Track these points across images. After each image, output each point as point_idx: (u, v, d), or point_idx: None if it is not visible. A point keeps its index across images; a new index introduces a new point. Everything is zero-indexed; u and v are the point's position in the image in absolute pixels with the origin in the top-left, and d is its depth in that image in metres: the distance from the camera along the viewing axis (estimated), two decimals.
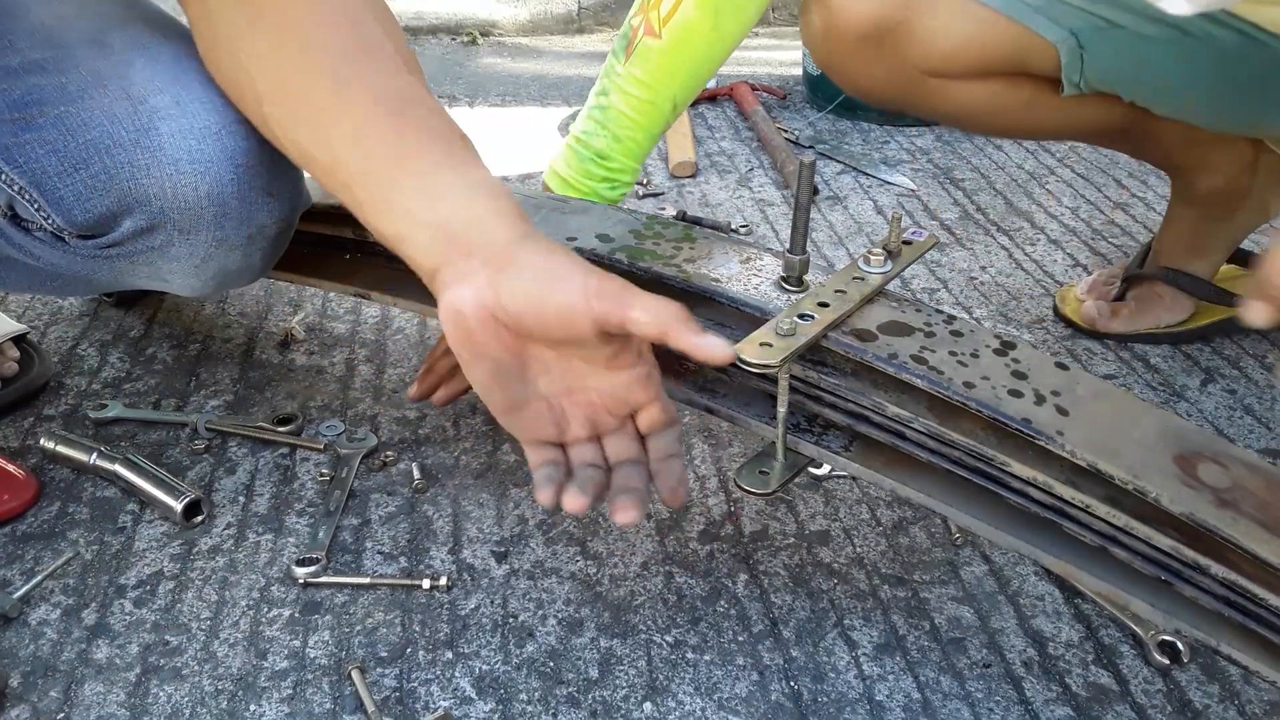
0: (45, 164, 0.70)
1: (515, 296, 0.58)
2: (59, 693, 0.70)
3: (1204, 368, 1.10)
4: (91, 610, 0.77)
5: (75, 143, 0.69)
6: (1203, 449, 0.60)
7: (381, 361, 1.09)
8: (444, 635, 0.76)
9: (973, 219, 1.47)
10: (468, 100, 1.98)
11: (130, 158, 0.69)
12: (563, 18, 2.55)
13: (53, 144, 0.69)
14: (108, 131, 0.69)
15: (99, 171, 0.70)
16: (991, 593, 0.80)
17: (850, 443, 0.70)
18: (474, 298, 0.59)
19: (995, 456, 0.62)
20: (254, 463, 0.93)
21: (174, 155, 0.70)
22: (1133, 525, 0.59)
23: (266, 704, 0.70)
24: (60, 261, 0.77)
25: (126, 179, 0.70)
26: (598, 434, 0.65)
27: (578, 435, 0.64)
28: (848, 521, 0.87)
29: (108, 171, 0.69)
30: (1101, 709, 0.71)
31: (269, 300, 1.20)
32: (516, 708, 0.70)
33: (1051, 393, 0.62)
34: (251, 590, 0.79)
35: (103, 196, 0.70)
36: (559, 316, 0.58)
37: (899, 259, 0.73)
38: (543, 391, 0.63)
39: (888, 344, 0.66)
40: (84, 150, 0.69)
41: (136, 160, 0.70)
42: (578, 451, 0.64)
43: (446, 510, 0.88)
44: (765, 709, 0.70)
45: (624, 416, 0.65)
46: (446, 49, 2.38)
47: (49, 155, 0.70)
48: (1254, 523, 0.56)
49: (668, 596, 0.79)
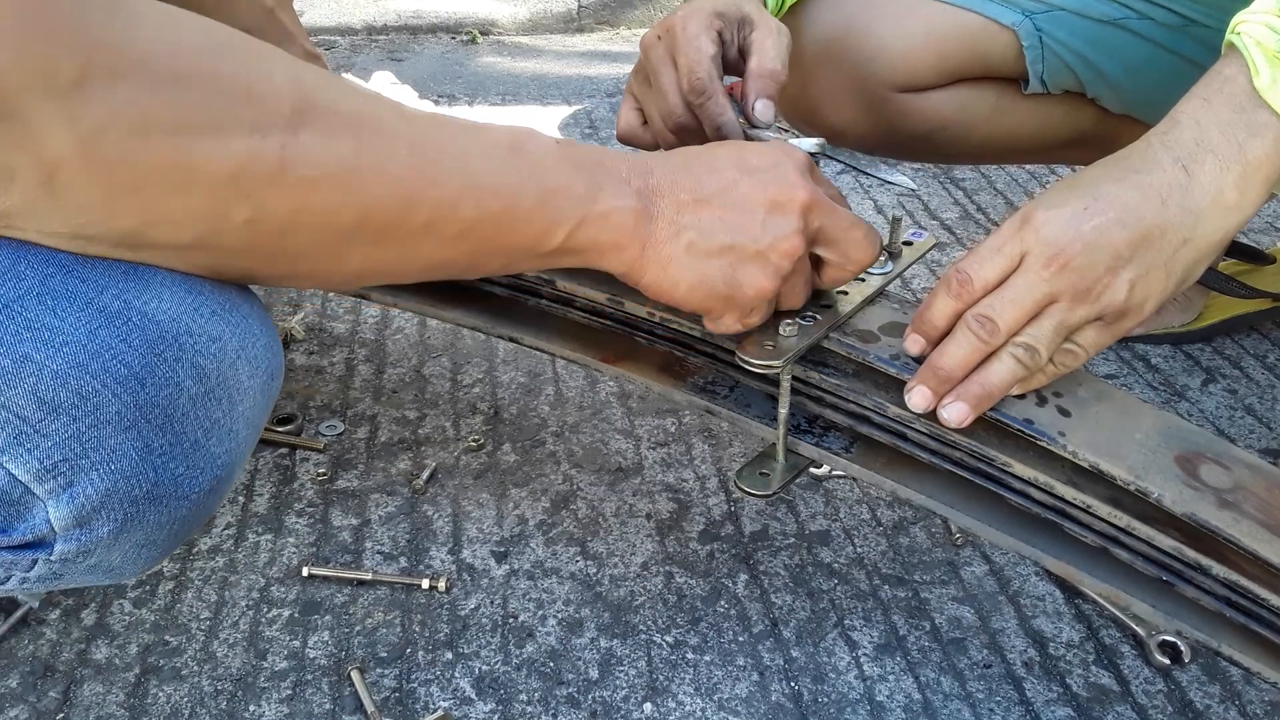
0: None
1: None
2: (58, 693, 0.70)
3: (1205, 368, 1.10)
4: (91, 610, 0.77)
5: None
6: (1204, 449, 0.60)
7: (381, 361, 1.09)
8: (444, 635, 0.75)
9: (973, 219, 1.47)
10: (467, 99, 1.98)
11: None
12: (562, 16, 2.55)
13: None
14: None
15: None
16: (992, 593, 0.80)
17: (851, 444, 0.70)
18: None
19: (996, 457, 0.62)
20: (254, 463, 0.93)
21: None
22: (1134, 526, 0.59)
23: (266, 704, 0.70)
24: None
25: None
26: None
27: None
28: (848, 521, 0.87)
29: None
30: (1102, 709, 0.71)
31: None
32: (516, 708, 0.70)
33: (1053, 394, 0.62)
34: (251, 590, 0.79)
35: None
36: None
37: (900, 260, 0.73)
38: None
39: (889, 345, 0.65)
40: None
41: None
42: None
43: (446, 510, 0.88)
44: (765, 709, 0.70)
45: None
46: (446, 48, 2.37)
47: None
48: (1255, 523, 0.56)
49: (668, 596, 0.79)
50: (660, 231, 0.57)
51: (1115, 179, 0.57)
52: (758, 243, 0.58)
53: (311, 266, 0.52)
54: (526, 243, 0.55)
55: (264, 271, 0.53)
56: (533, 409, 1.01)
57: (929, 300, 0.60)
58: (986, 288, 0.58)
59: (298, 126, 0.47)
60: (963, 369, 0.59)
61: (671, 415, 1.00)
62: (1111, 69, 0.96)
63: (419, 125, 0.53)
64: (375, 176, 0.50)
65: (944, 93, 0.99)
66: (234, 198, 0.46)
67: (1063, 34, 0.95)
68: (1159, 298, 0.58)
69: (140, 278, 0.49)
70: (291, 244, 0.50)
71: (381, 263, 0.54)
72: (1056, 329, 0.57)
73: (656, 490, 0.90)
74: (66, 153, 0.42)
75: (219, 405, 0.51)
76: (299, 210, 0.48)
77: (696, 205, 0.58)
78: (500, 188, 0.54)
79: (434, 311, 0.85)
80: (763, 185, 0.59)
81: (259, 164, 0.46)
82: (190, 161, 0.45)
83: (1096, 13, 0.94)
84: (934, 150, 1.07)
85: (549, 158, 0.56)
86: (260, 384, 0.53)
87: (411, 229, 0.52)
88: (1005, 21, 0.94)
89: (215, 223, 0.47)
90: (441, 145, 0.53)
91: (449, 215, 0.53)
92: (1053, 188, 0.59)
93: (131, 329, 0.47)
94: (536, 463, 0.94)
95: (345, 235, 0.50)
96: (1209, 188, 0.56)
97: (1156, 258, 0.56)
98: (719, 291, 0.59)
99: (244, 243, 0.49)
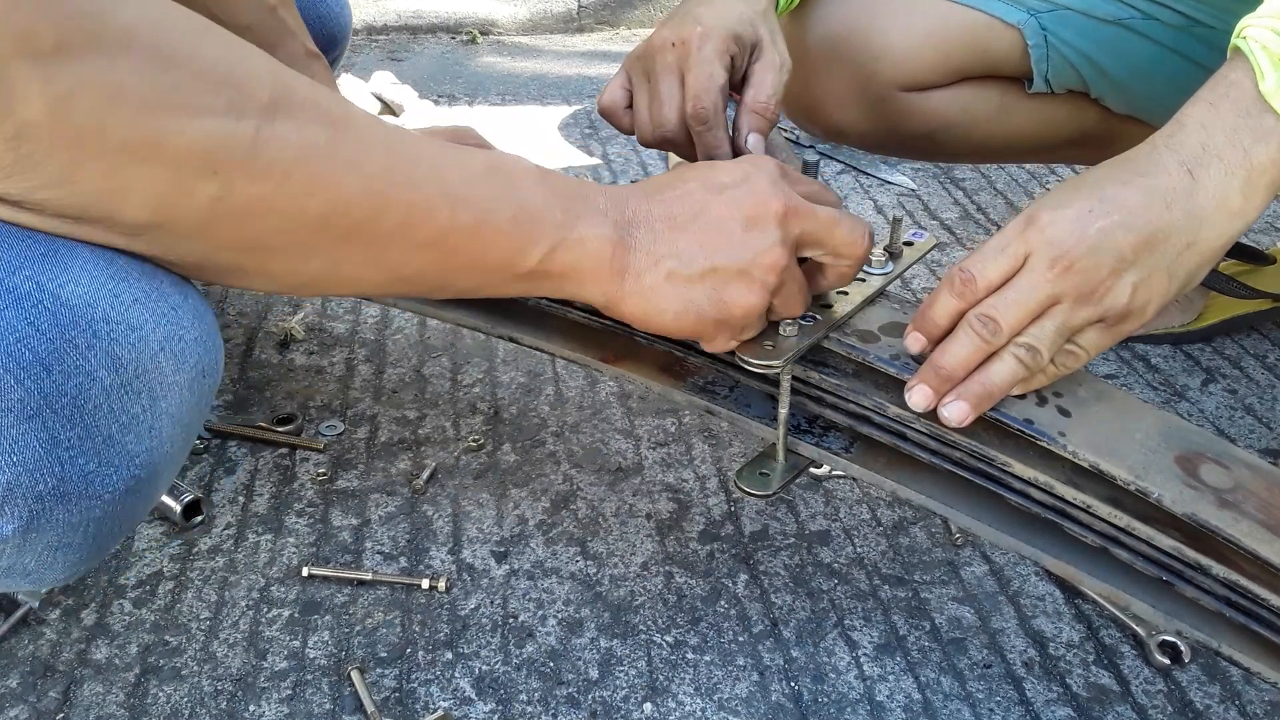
0: None
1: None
2: (58, 693, 0.70)
3: (1205, 368, 1.10)
4: (91, 610, 0.77)
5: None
6: (1204, 449, 0.60)
7: (381, 361, 1.09)
8: (444, 635, 0.75)
9: (973, 219, 1.47)
10: (467, 100, 1.98)
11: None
12: (562, 16, 2.55)
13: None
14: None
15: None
16: (992, 593, 0.80)
17: (851, 444, 0.70)
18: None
19: (996, 457, 0.62)
20: (254, 463, 0.93)
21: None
22: (1134, 526, 0.59)
23: (266, 704, 0.70)
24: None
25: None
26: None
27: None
28: (848, 521, 0.87)
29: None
30: (1102, 709, 0.71)
31: (269, 300, 1.20)
32: (516, 708, 0.70)
33: (1053, 393, 0.62)
34: (251, 590, 0.79)
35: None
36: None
37: (900, 260, 0.73)
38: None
39: (889, 345, 0.65)
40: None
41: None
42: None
43: (446, 510, 0.88)
44: (765, 709, 0.70)
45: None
46: (446, 48, 2.37)
47: None
48: (1256, 523, 0.56)
49: (668, 596, 0.79)
50: (639, 262, 0.57)
51: (1120, 181, 0.57)
52: (739, 261, 0.57)
53: (270, 262, 0.51)
54: (499, 261, 0.55)
55: (219, 262, 0.50)
56: (533, 409, 1.01)
57: (931, 299, 0.60)
58: (990, 287, 0.58)
59: (274, 113, 0.46)
60: (964, 368, 0.59)
61: (671, 415, 1.00)
62: (1116, 69, 0.96)
63: (397, 132, 0.53)
64: (348, 171, 0.49)
65: (947, 92, 0.99)
66: (201, 175, 0.45)
67: (1068, 33, 0.95)
68: (1161, 301, 0.58)
69: (58, 261, 0.46)
70: (254, 232, 0.48)
71: (345, 266, 0.52)
72: (1059, 330, 0.57)
73: (656, 490, 0.90)
74: (36, 114, 0.41)
75: (137, 399, 0.48)
76: (266, 195, 0.47)
77: (672, 232, 0.57)
78: (475, 199, 0.53)
79: (434, 311, 0.85)
80: (735, 202, 0.58)
81: (231, 143, 0.45)
82: (160, 136, 0.44)
83: (1102, 12, 0.94)
84: (937, 149, 1.07)
85: (527, 181, 0.55)
86: (187, 379, 0.50)
87: (380, 231, 0.51)
88: (1010, 20, 0.94)
89: (178, 199, 0.46)
90: (418, 152, 0.52)
91: (421, 220, 0.52)
92: (1058, 188, 0.59)
93: (41, 312, 0.45)
94: (536, 463, 0.94)
95: (312, 230, 0.49)
96: (1213, 192, 0.56)
97: (1160, 261, 0.56)
98: (708, 316, 0.58)
99: (204, 226, 0.47)
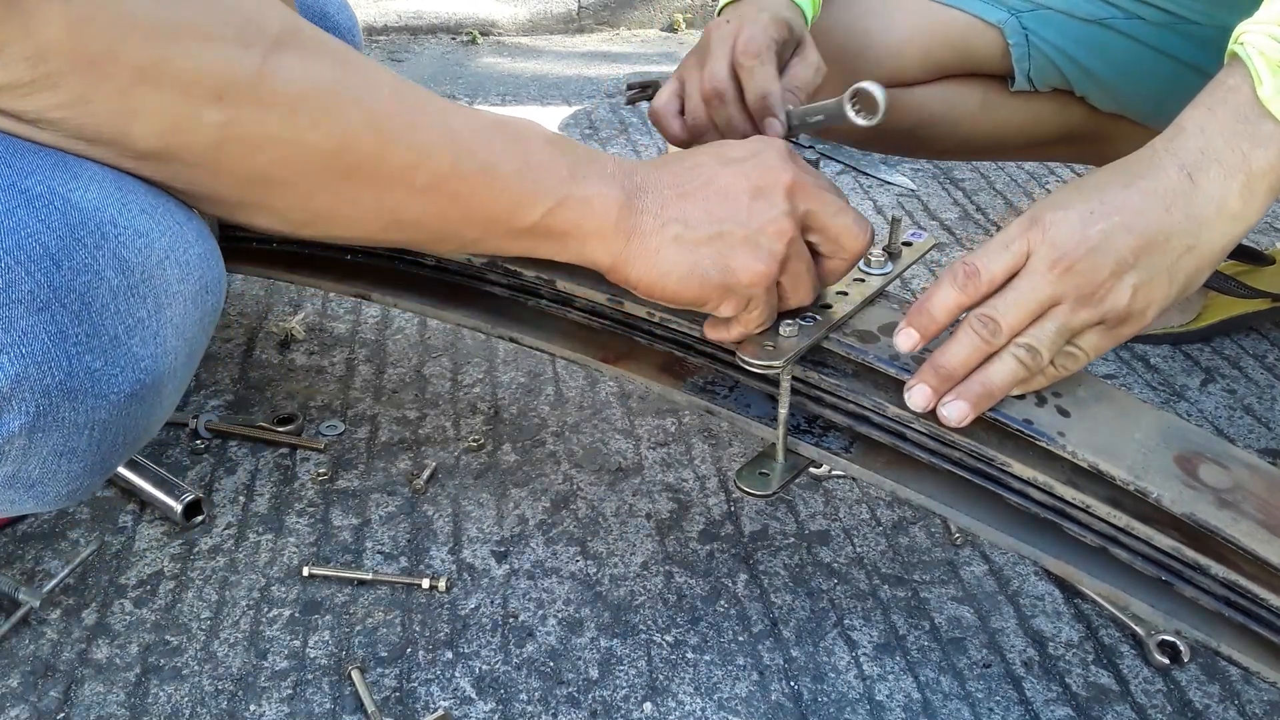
0: None
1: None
2: (59, 693, 0.70)
3: (1204, 368, 1.10)
4: (91, 610, 0.77)
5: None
6: (1203, 449, 0.60)
7: (381, 361, 1.09)
8: (444, 635, 0.76)
9: (973, 219, 1.47)
10: (467, 100, 1.98)
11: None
12: (562, 17, 2.55)
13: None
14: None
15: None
16: (991, 593, 0.80)
17: (851, 444, 0.70)
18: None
19: (996, 457, 0.62)
20: (254, 463, 0.93)
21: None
22: (1133, 525, 0.59)
23: (266, 704, 0.70)
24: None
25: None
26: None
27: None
28: (848, 521, 0.87)
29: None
30: (1102, 709, 0.71)
31: (269, 300, 1.20)
32: (516, 708, 0.70)
33: (1052, 394, 0.62)
34: (251, 590, 0.79)
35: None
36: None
37: (900, 260, 0.73)
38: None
39: (889, 345, 0.66)
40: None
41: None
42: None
43: (446, 510, 0.88)
44: (765, 709, 0.70)
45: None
46: (446, 48, 2.37)
47: None
48: (1254, 523, 0.56)
49: (668, 596, 0.79)
50: (645, 224, 0.57)
51: (1122, 184, 0.57)
52: (745, 227, 0.58)
53: (273, 196, 0.51)
54: (500, 213, 0.55)
55: (225, 194, 0.51)
56: (533, 409, 1.01)
57: (931, 291, 0.60)
58: (993, 281, 0.58)
59: (282, 47, 0.47)
60: (964, 368, 0.59)
61: (671, 415, 1.00)
62: (1099, 68, 0.97)
63: (404, 81, 0.54)
64: (354, 107, 0.50)
65: (930, 88, 1.00)
66: (208, 101, 0.46)
67: (1049, 33, 0.95)
68: (1161, 303, 0.58)
69: (71, 169, 0.48)
70: (258, 164, 0.49)
71: (346, 205, 0.53)
72: (1059, 331, 0.57)
73: (656, 490, 0.91)
74: (55, 35, 0.43)
75: (142, 303, 0.49)
76: (271, 126, 0.48)
77: (680, 199, 0.58)
78: (479, 149, 0.54)
79: (434, 311, 0.85)
80: (744, 173, 0.59)
81: (238, 70, 0.46)
82: (171, 60, 0.45)
83: (1083, 12, 0.94)
84: (919, 144, 1.08)
85: (535, 138, 0.56)
86: (191, 291, 0.51)
87: (382, 171, 0.51)
88: (991, 20, 0.95)
89: (186, 125, 0.47)
90: (425, 98, 0.53)
91: (424, 163, 0.52)
92: (1062, 189, 0.59)
93: (52, 212, 0.46)
94: (536, 463, 0.94)
95: (315, 165, 0.50)
96: (1213, 196, 0.56)
97: (1160, 264, 0.57)
98: (712, 280, 0.58)
99: (211, 155, 0.48)
